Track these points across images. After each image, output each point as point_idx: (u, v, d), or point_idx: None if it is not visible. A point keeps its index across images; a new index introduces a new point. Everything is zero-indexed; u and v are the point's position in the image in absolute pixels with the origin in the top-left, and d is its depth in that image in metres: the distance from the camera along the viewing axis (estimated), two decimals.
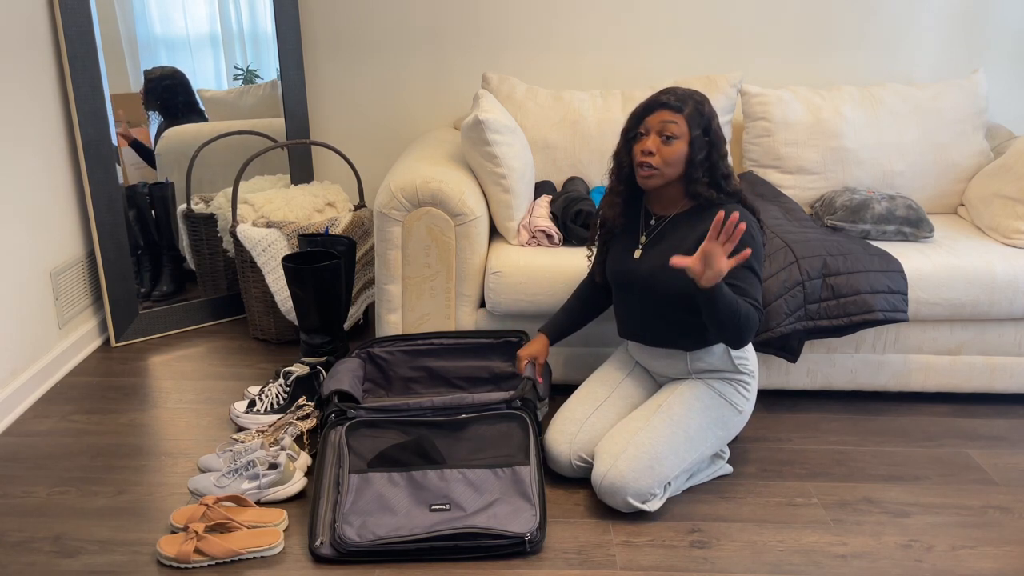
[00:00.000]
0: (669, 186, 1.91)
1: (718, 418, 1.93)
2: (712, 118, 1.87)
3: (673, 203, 1.95)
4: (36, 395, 2.43)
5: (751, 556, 1.77)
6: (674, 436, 1.88)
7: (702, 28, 3.07)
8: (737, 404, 1.95)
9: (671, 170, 1.87)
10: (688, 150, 1.85)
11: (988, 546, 1.81)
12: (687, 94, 1.87)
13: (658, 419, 1.89)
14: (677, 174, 1.88)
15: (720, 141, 1.88)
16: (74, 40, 2.51)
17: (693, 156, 1.85)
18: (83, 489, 1.98)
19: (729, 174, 1.90)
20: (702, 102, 1.87)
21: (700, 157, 1.85)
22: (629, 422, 1.93)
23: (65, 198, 2.63)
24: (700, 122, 1.85)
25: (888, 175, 2.75)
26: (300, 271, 2.36)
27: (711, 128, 1.86)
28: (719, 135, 1.88)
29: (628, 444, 1.86)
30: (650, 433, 1.87)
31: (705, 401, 1.93)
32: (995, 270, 2.27)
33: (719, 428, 1.94)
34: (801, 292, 2.21)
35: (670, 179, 1.89)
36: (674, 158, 1.85)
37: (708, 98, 1.91)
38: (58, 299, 2.58)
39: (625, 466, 1.84)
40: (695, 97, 1.87)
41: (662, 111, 1.86)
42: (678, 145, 1.85)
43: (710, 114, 1.87)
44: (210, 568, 1.72)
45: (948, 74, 3.08)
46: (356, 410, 1.96)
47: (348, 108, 3.20)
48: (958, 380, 2.39)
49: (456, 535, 1.73)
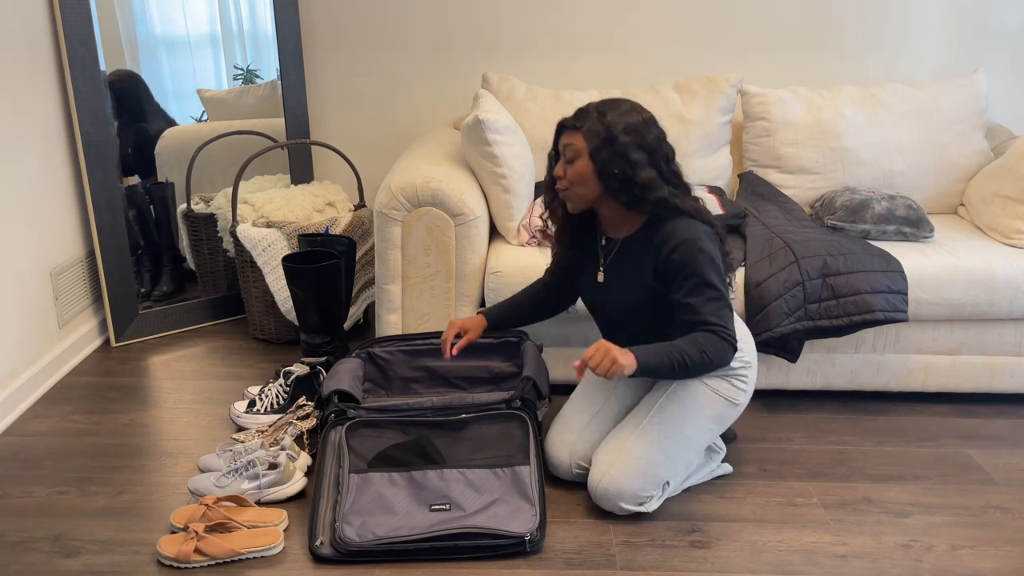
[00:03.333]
0: (604, 206, 1.84)
1: (714, 415, 1.88)
2: (614, 127, 1.72)
3: (620, 223, 1.87)
4: (36, 395, 2.43)
5: (751, 556, 1.77)
6: (668, 439, 1.85)
7: (702, 28, 3.07)
8: (734, 398, 1.89)
9: (583, 190, 1.79)
10: (593, 165, 1.75)
11: (988, 546, 1.81)
12: (591, 108, 1.77)
13: (651, 423, 1.87)
14: (596, 193, 1.79)
15: (633, 149, 1.73)
16: (74, 40, 2.51)
17: (601, 171, 1.75)
18: (83, 489, 1.98)
19: (649, 184, 1.74)
20: (605, 112, 1.74)
21: (610, 171, 1.74)
22: (623, 427, 1.91)
23: (65, 198, 2.63)
24: (601, 134, 1.73)
25: (888, 175, 2.75)
26: (300, 271, 2.36)
27: (616, 139, 1.72)
28: (636, 143, 1.73)
29: (621, 450, 1.86)
30: (643, 438, 1.85)
31: (700, 400, 1.86)
32: (995, 270, 2.27)
33: (714, 423, 1.90)
34: (801, 292, 2.21)
35: (591, 199, 1.81)
36: (578, 178, 1.78)
37: (630, 107, 1.77)
38: (58, 299, 2.58)
39: (618, 472, 1.84)
40: (600, 109, 1.76)
41: (565, 133, 1.81)
42: (579, 164, 1.77)
43: (613, 123, 1.73)
44: (210, 568, 1.72)
45: (948, 74, 3.08)
46: (356, 410, 1.96)
47: (348, 108, 3.20)
48: (958, 380, 2.39)
49: (456, 535, 1.73)
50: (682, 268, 1.75)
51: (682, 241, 1.75)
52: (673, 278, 1.78)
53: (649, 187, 1.75)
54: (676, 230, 1.77)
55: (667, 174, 1.78)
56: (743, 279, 2.27)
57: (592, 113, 1.76)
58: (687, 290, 1.76)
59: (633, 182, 1.74)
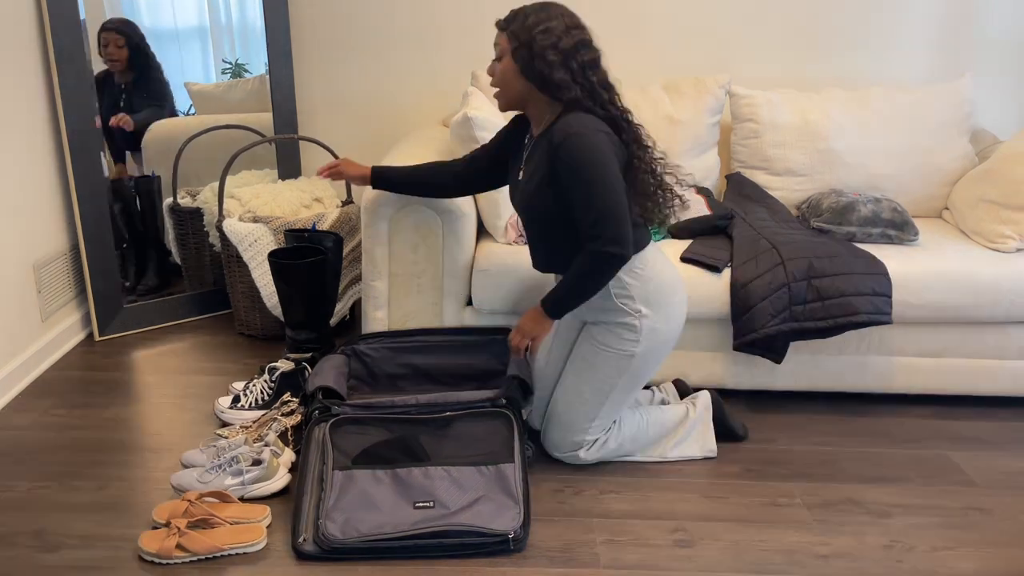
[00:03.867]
0: (530, 105, 1.89)
1: (611, 369, 1.96)
2: (534, 28, 1.78)
3: (540, 122, 1.92)
4: (18, 389, 2.41)
5: (734, 555, 1.78)
6: (571, 403, 2.02)
7: (691, 29, 3.07)
8: (626, 349, 1.94)
9: (508, 88, 1.86)
10: (514, 65, 1.83)
11: (968, 547, 1.83)
12: (519, 9, 1.83)
13: (560, 388, 2.05)
14: (519, 91, 1.86)
15: (549, 51, 1.78)
16: (60, 30, 2.49)
17: (523, 69, 1.82)
18: (65, 484, 1.97)
19: (562, 84, 1.80)
20: (529, 14, 1.81)
21: (529, 70, 1.81)
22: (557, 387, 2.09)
23: (49, 190, 2.61)
24: (522, 35, 1.80)
25: (874, 178, 2.77)
26: (286, 267, 2.35)
27: (534, 40, 1.78)
28: (552, 45, 1.78)
29: (549, 413, 2.08)
30: (556, 406, 2.06)
31: (590, 360, 1.98)
32: (978, 274, 2.29)
33: (616, 376, 1.97)
34: (787, 294, 2.22)
35: (514, 97, 1.88)
36: (501, 76, 1.86)
37: (559, 11, 1.82)
38: (41, 292, 2.56)
39: (547, 435, 2.09)
40: (526, 11, 1.82)
41: (498, 33, 1.88)
42: (505, 61, 1.85)
43: (534, 24, 1.79)
44: (192, 564, 1.71)
45: (935, 79, 3.10)
46: (340, 407, 1.95)
47: (337, 104, 3.19)
48: (941, 382, 2.40)
49: (440, 533, 1.73)
50: (568, 170, 1.79)
51: (567, 136, 1.79)
52: (560, 181, 1.82)
53: (561, 87, 1.80)
54: (568, 122, 1.80)
55: (579, 77, 1.81)
56: (729, 280, 2.28)
57: (520, 15, 1.83)
58: (574, 203, 1.82)
59: (550, 81, 1.80)
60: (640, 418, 2.09)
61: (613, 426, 2.05)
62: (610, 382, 1.97)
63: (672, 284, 1.97)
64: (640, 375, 1.99)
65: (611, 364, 1.96)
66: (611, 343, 1.95)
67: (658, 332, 1.95)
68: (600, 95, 1.84)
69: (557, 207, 1.87)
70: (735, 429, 2.21)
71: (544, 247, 1.99)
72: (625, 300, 1.93)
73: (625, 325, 1.94)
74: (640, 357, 1.95)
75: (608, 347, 1.96)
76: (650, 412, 2.11)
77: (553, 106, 1.87)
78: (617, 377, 1.97)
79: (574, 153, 1.77)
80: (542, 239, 1.98)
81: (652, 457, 2.11)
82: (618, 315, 1.94)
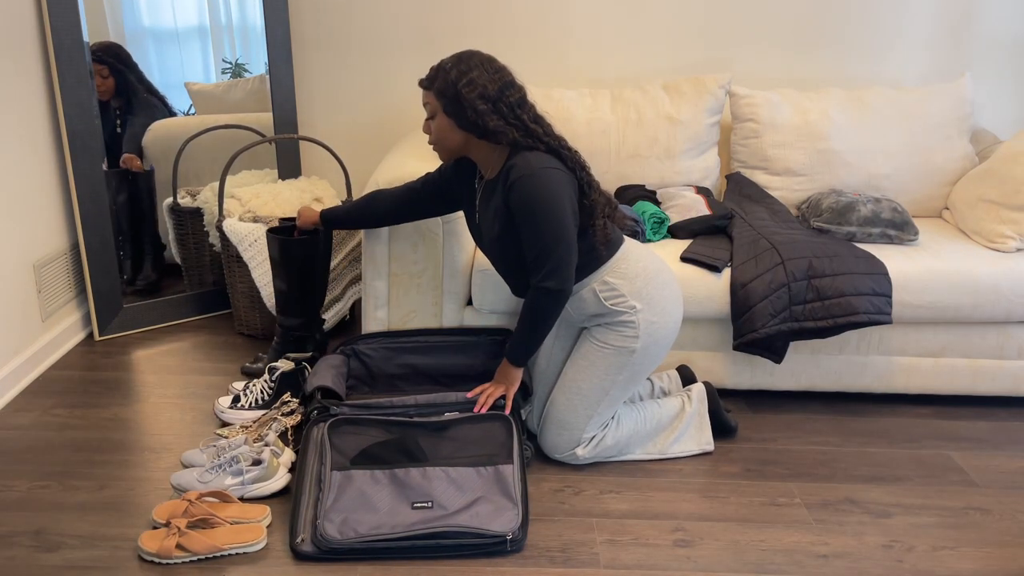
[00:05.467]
0: (472, 151, 1.92)
1: (612, 366, 1.98)
2: (458, 81, 1.82)
3: (489, 164, 1.94)
4: (18, 388, 2.41)
5: (733, 555, 1.78)
6: (570, 401, 2.02)
7: (691, 29, 3.07)
8: (626, 345, 1.97)
9: (448, 142, 1.90)
10: (448, 120, 1.86)
11: (968, 547, 1.83)
12: (439, 66, 1.86)
13: (557, 391, 2.06)
14: (458, 143, 1.90)
15: (477, 100, 1.81)
16: (61, 31, 2.49)
17: (458, 123, 1.86)
18: (64, 484, 1.97)
19: (497, 129, 1.84)
20: (449, 69, 1.84)
21: (464, 121, 1.85)
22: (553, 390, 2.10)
23: (50, 190, 2.61)
24: (447, 91, 1.83)
25: (874, 178, 2.77)
26: (282, 242, 2.34)
27: (460, 94, 1.82)
28: (480, 95, 1.82)
29: (545, 415, 2.08)
30: (553, 406, 2.06)
31: (590, 358, 2.00)
32: (978, 274, 2.29)
33: (617, 373, 1.99)
34: (786, 294, 2.22)
35: (455, 149, 1.92)
36: (437, 133, 1.90)
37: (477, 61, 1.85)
38: (41, 291, 2.56)
39: (544, 437, 2.09)
40: (445, 66, 1.85)
41: (423, 92, 1.90)
42: (439, 119, 1.88)
43: (457, 77, 1.82)
44: (192, 564, 1.71)
45: (935, 79, 3.10)
46: (339, 407, 1.95)
47: (336, 103, 3.19)
48: (941, 382, 2.40)
49: (438, 534, 1.73)
50: (519, 210, 1.83)
51: (519, 177, 1.83)
52: (515, 220, 1.86)
53: (498, 132, 1.85)
54: (517, 164, 1.85)
55: (511, 118, 1.86)
56: (729, 280, 2.28)
57: (441, 71, 1.86)
58: (523, 239, 1.86)
59: (486, 128, 1.85)
60: (638, 414, 2.10)
61: (611, 422, 2.06)
62: (610, 379, 1.99)
63: (659, 273, 2.01)
64: (640, 371, 2.01)
65: (611, 361, 1.98)
66: (611, 341, 1.98)
67: (655, 325, 1.97)
68: (535, 131, 1.88)
69: (517, 246, 1.92)
70: (728, 422, 2.22)
71: (512, 279, 2.05)
72: (616, 301, 1.96)
73: (623, 323, 1.97)
74: (640, 353, 1.98)
75: (608, 345, 1.98)
76: (647, 407, 2.12)
77: (499, 150, 1.91)
78: (617, 374, 1.99)
79: (524, 193, 1.82)
80: (510, 274, 2.03)
81: (651, 454, 2.11)
82: (614, 315, 1.97)
